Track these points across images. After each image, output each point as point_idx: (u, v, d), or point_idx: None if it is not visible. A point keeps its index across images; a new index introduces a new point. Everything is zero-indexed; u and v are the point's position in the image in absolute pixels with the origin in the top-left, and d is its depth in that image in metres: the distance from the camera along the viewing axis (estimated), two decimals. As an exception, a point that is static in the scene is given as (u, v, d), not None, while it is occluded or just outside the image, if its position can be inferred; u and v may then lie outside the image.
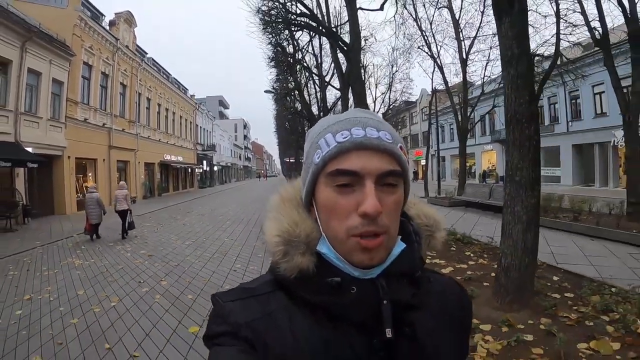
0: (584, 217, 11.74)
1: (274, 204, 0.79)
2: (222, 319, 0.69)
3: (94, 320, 5.55)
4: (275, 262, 0.71)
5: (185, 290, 7.03)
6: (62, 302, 6.46)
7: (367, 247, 0.66)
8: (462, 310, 0.84)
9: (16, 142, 17.25)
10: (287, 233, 0.71)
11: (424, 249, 0.81)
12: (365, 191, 0.66)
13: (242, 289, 0.75)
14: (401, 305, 0.71)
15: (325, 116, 0.86)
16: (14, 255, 10.59)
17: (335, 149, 0.68)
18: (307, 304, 0.70)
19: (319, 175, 0.71)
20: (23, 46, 17.81)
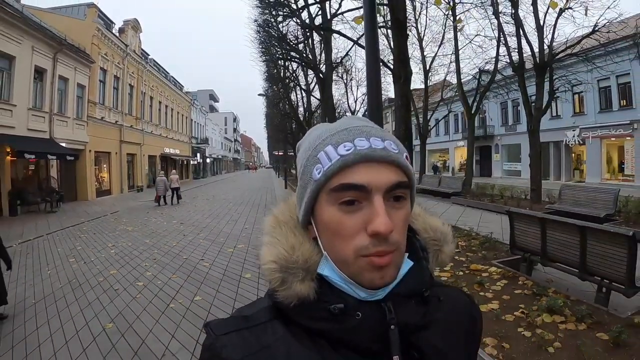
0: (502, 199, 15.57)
1: (268, 227, 0.73)
2: (215, 353, 0.64)
3: (176, 241, 9.73)
4: (273, 289, 0.66)
5: (217, 237, 11.09)
6: (140, 244, 10.32)
7: (379, 265, 0.61)
8: (471, 323, 0.80)
9: (51, 139, 20.65)
10: (284, 259, 0.65)
11: (432, 265, 0.76)
12: (375, 208, 0.61)
13: (238, 317, 0.69)
14: (410, 329, 0.66)
15: (318, 125, 0.78)
16: (71, 227, 14.18)
17: (338, 162, 0.62)
18: (307, 331, 0.65)
19: (320, 192, 0.65)
20: (55, 57, 21.18)
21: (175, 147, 43.90)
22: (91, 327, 5.05)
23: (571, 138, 28.94)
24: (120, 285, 6.90)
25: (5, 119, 17.28)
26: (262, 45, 19.56)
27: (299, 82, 25.88)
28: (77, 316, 5.48)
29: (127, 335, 4.76)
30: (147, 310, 5.62)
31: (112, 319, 5.33)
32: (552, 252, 5.57)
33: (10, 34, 17.54)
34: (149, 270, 7.83)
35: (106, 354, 4.30)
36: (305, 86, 26.20)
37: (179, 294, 6.34)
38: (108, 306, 5.85)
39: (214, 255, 8.93)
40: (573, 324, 4.14)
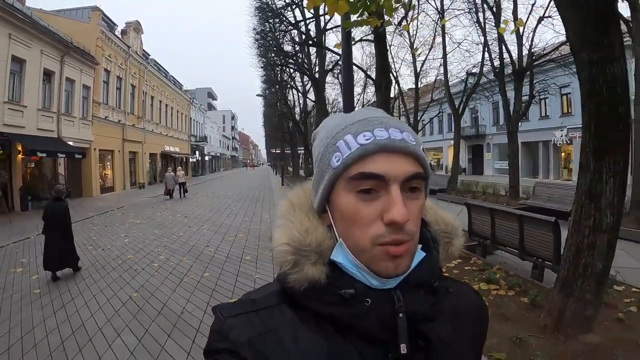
0: (483, 196, 16.68)
1: (283, 210, 0.74)
2: (222, 335, 0.65)
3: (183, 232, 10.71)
4: (284, 272, 0.66)
5: (219, 228, 12.18)
6: (150, 234, 11.39)
7: (394, 254, 0.62)
8: (479, 319, 0.81)
9: (59, 138, 21.67)
10: (297, 242, 0.66)
11: (442, 257, 0.77)
12: (392, 197, 0.61)
13: (246, 301, 0.70)
14: (418, 318, 0.67)
15: (334, 114, 0.80)
16: (82, 220, 15.21)
17: (358, 151, 0.63)
18: (315, 316, 0.66)
19: (338, 179, 0.66)
20: (62, 59, 22.16)
21: (175, 145, 44.91)
22: (119, 296, 6.19)
23: (559, 137, 29.97)
24: (138, 266, 8.03)
25: (16, 119, 18.28)
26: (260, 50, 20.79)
27: (295, 84, 27.15)
28: (105, 289, 6.60)
29: (150, 301, 5.91)
30: (164, 284, 6.76)
31: (136, 290, 6.47)
32: (499, 237, 6.69)
33: (21, 38, 18.52)
34: (161, 254, 8.95)
35: (135, 313, 5.44)
36: (302, 88, 27.37)
37: (190, 271, 7.51)
38: (130, 281, 6.98)
39: (217, 242, 10.08)
40: (504, 290, 5.25)
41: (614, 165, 3.44)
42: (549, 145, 31.85)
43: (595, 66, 3.33)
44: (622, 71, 3.34)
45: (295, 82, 28.26)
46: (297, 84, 28.23)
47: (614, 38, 3.25)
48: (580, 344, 3.63)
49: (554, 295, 4.06)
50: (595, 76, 3.35)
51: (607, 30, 3.24)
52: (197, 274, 7.34)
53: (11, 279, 7.54)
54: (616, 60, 3.26)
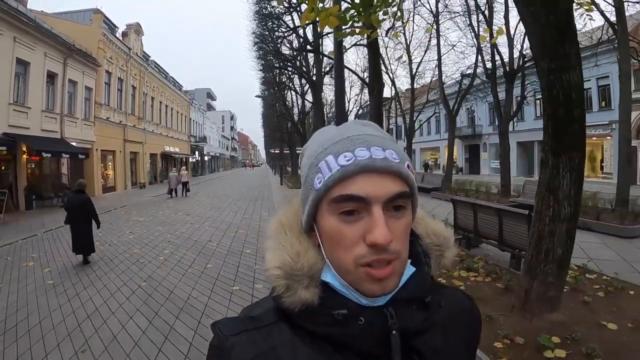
0: (476, 194, 17.17)
1: (273, 231, 0.75)
2: (224, 353, 0.66)
3: (186, 228, 11.06)
4: (278, 295, 0.67)
5: (220, 225, 12.67)
6: (154, 231, 11.90)
7: (378, 277, 0.63)
8: (471, 324, 0.82)
9: (62, 138, 22.12)
10: (289, 266, 0.67)
11: (434, 269, 0.77)
12: (374, 219, 0.61)
13: (245, 319, 0.71)
14: (410, 333, 0.68)
15: (322, 128, 0.79)
16: (86, 218, 15.69)
17: (338, 173, 0.63)
18: (311, 335, 0.67)
19: (321, 201, 0.66)
20: (65, 61, 22.63)
21: (175, 145, 45.37)
22: (129, 285, 6.70)
23: (552, 137, 30.42)
24: (145, 259, 8.52)
25: (21, 120, 18.74)
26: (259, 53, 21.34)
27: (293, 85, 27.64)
28: (115, 280, 7.10)
29: (158, 289, 6.43)
30: (170, 274, 7.28)
31: (144, 280, 6.98)
32: (481, 230, 7.18)
33: (25, 41, 18.98)
34: (166, 249, 9.46)
35: (145, 299, 5.94)
36: (300, 89, 27.88)
37: (194, 263, 8.02)
38: (138, 273, 7.49)
39: (219, 237, 10.59)
40: (482, 277, 5.75)
41: (570, 162, 3.92)
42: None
43: (553, 74, 3.80)
44: (578, 78, 3.82)
45: (294, 84, 28.79)
46: (295, 85, 28.76)
47: (570, 49, 3.72)
48: (545, 321, 4.10)
49: (522, 278, 4.55)
50: (553, 83, 3.83)
51: (563, 42, 3.71)
52: (201, 265, 7.85)
53: (24, 271, 8.00)
54: (572, 68, 3.73)
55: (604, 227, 9.87)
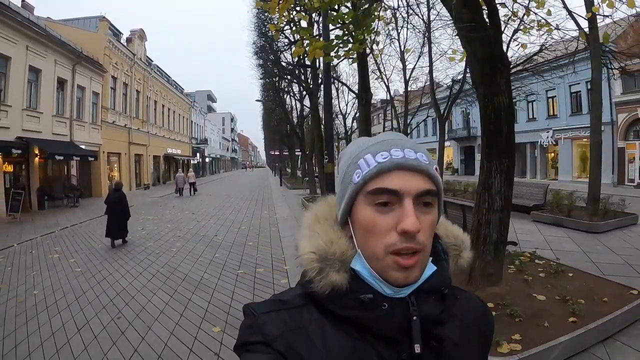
0: (462, 193, 18.19)
1: (308, 221, 0.81)
2: (256, 329, 0.71)
3: (192, 225, 12.03)
4: (309, 278, 0.73)
5: (224, 222, 13.77)
6: (163, 227, 12.98)
7: (404, 265, 0.68)
8: (485, 326, 0.87)
9: (71, 142, 23.19)
10: (323, 250, 0.72)
11: (452, 268, 0.83)
12: (405, 210, 0.68)
13: (275, 301, 0.77)
14: (430, 321, 0.73)
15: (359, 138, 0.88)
16: (98, 217, 16.66)
17: (375, 168, 0.70)
18: (337, 318, 0.72)
19: (359, 194, 0.73)
20: (74, 68, 23.74)
21: (177, 147, 46.48)
22: (148, 271, 7.82)
23: (545, 139, 31.34)
24: (159, 251, 9.64)
25: (34, 124, 19.81)
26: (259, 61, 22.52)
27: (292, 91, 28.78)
28: (135, 267, 8.20)
29: (175, 273, 7.58)
30: (183, 262, 8.42)
31: (161, 266, 8.08)
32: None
33: (37, 49, 20.06)
34: (177, 242, 10.58)
35: (164, 281, 7.07)
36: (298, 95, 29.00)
37: (203, 253, 9.16)
38: (155, 261, 8.61)
39: (224, 233, 11.72)
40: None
41: (500, 166, 5.00)
42: (536, 146, 33.25)
43: (487, 97, 4.88)
44: (506, 101, 4.90)
45: (293, 90, 29.93)
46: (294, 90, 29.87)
47: (499, 79, 4.79)
48: (486, 293, 5.13)
49: (467, 258, 5.65)
50: (487, 105, 4.91)
51: (495, 74, 4.79)
52: (210, 254, 9.00)
53: (52, 262, 9.05)
54: (501, 93, 4.80)
55: (574, 223, 10.81)
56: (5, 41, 17.68)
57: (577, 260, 7.17)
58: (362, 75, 10.48)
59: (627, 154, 25.14)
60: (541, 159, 33.46)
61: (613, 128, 25.72)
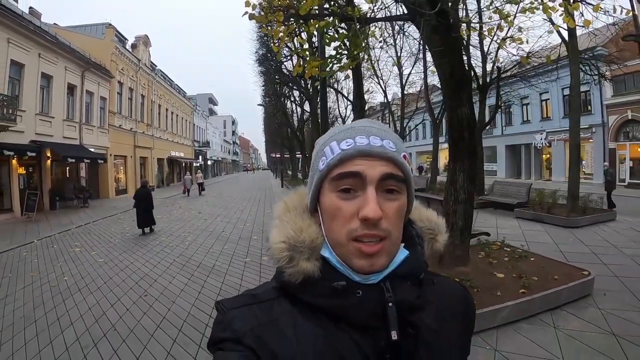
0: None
1: (279, 211, 0.81)
2: (225, 325, 0.71)
3: (200, 223, 13.00)
4: (281, 267, 0.73)
5: (230, 220, 14.71)
6: (173, 225, 13.96)
7: (367, 253, 0.68)
8: (465, 311, 0.86)
9: (81, 145, 24.16)
10: (292, 239, 0.72)
11: (427, 252, 0.82)
12: (367, 196, 0.68)
13: (247, 295, 0.77)
14: (406, 307, 0.72)
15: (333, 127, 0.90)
16: (109, 217, 17.72)
17: (338, 156, 0.71)
18: (311, 308, 0.72)
19: (324, 181, 0.73)
20: (83, 74, 24.74)
21: (180, 150, 47.52)
22: (166, 260, 8.82)
23: (539, 140, 32.15)
24: (173, 244, 10.62)
25: (46, 128, 20.78)
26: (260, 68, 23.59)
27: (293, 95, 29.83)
28: (154, 257, 9.19)
29: (190, 261, 8.59)
30: (196, 253, 9.42)
31: (177, 256, 9.07)
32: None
33: (48, 57, 21.06)
34: (188, 237, 11.57)
35: (182, 267, 8.08)
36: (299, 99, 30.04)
37: (214, 246, 10.17)
38: (171, 252, 9.61)
39: (230, 229, 12.71)
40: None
41: (462, 166, 5.98)
42: (530, 148, 34.06)
43: (452, 109, 5.86)
44: (468, 112, 5.88)
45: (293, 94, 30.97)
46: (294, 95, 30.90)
47: (463, 94, 5.79)
48: (454, 272, 6.05)
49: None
50: (452, 115, 5.90)
51: (460, 90, 5.78)
52: (219, 246, 10.01)
53: (74, 255, 9.99)
54: (463, 106, 5.78)
55: (553, 219, 11.72)
56: (19, 49, 18.66)
57: (546, 250, 8.03)
58: (357, 84, 11.43)
59: (618, 154, 25.90)
60: (535, 160, 34.24)
61: (604, 129, 26.58)
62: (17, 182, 18.70)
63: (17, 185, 18.57)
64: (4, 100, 16.49)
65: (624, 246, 8.52)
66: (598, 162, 26.76)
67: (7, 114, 16.49)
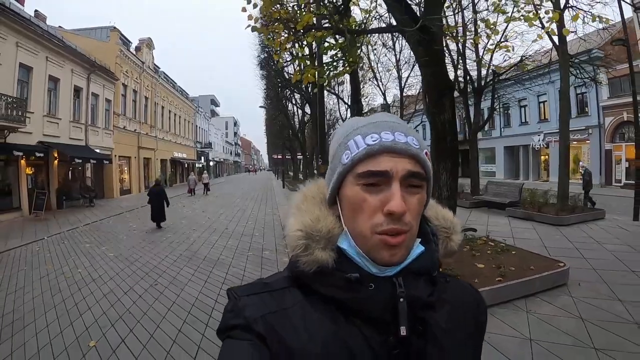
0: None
1: (297, 201, 0.82)
2: (236, 312, 0.72)
3: (204, 221, 13.57)
4: (296, 255, 0.73)
5: (232, 218, 15.30)
6: (178, 222, 14.51)
7: (390, 244, 0.68)
8: (477, 313, 0.86)
9: (87, 146, 24.72)
10: (310, 227, 0.73)
11: (441, 251, 0.82)
12: (392, 191, 0.68)
13: (259, 284, 0.78)
14: (417, 304, 0.72)
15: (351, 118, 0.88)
16: (115, 215, 18.27)
17: (364, 151, 0.70)
18: (322, 299, 0.72)
19: (347, 175, 0.73)
20: (88, 77, 25.30)
21: (182, 151, 48.13)
22: (174, 254, 9.39)
23: (537, 142, 32.55)
24: (179, 240, 11.22)
25: (53, 130, 21.35)
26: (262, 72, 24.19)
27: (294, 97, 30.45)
28: (162, 251, 9.78)
29: (196, 255, 9.17)
30: (202, 247, 10.03)
31: (184, 251, 9.66)
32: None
33: (56, 60, 21.63)
34: (194, 233, 12.17)
35: (188, 261, 8.66)
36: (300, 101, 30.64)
37: (218, 241, 10.74)
38: (177, 247, 10.19)
39: (233, 226, 13.29)
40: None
41: (445, 166, 6.54)
42: (528, 149, 34.46)
43: (435, 115, 6.43)
44: (450, 118, 6.47)
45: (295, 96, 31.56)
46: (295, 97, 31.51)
47: (445, 101, 6.35)
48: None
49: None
50: (435, 120, 6.47)
51: (442, 98, 6.35)
52: (223, 242, 10.60)
53: (85, 250, 10.53)
54: (445, 112, 6.35)
55: (543, 217, 12.19)
56: (28, 53, 19.22)
57: (530, 245, 8.50)
58: (354, 89, 12.00)
59: (614, 155, 26.29)
60: (533, 161, 34.59)
61: (600, 131, 26.95)
62: (25, 181, 19.24)
63: (25, 184, 19.10)
64: (14, 102, 17.02)
65: (607, 242, 8.97)
66: (595, 163, 27.19)
67: (16, 115, 17.03)
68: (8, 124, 16.56)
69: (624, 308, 5.17)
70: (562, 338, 4.42)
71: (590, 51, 21.85)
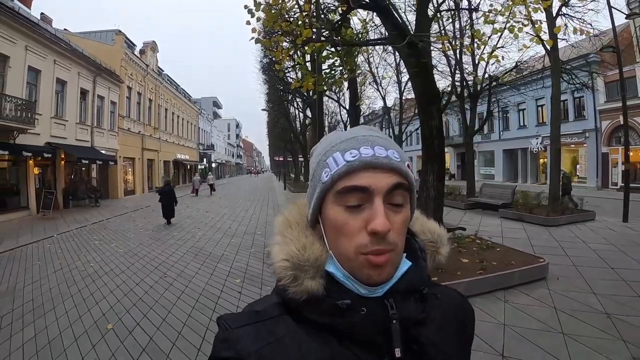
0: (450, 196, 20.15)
1: (280, 227, 0.79)
2: (230, 345, 0.69)
3: (208, 220, 14.14)
4: (284, 286, 0.71)
5: (235, 218, 15.81)
6: (183, 221, 15.04)
7: (375, 263, 0.67)
8: (465, 321, 0.87)
9: (92, 147, 25.30)
10: (296, 257, 0.71)
11: (430, 265, 0.82)
12: (375, 209, 0.67)
13: (250, 312, 0.75)
14: (410, 323, 0.72)
15: (330, 133, 0.86)
16: (121, 215, 18.80)
17: (344, 167, 0.69)
18: (314, 325, 0.71)
19: (327, 193, 0.71)
20: (94, 80, 25.90)
21: (185, 153, 48.67)
22: (180, 250, 9.94)
23: (535, 145, 32.92)
24: (185, 238, 11.75)
25: (60, 131, 21.92)
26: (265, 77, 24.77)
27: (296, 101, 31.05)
28: (169, 248, 10.31)
29: (201, 251, 9.72)
30: (207, 245, 10.56)
31: (189, 248, 10.21)
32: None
33: (63, 63, 22.22)
34: (197, 232, 12.69)
35: (194, 257, 9.20)
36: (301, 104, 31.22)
37: (222, 239, 11.28)
38: (183, 245, 10.72)
39: (236, 226, 13.81)
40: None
41: (432, 167, 7.09)
42: (527, 152, 34.83)
43: (425, 121, 6.97)
44: (437, 124, 7.02)
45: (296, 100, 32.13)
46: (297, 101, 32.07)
47: (433, 108, 6.90)
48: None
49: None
50: (424, 126, 7.03)
51: (430, 105, 6.91)
52: (227, 240, 11.14)
53: (95, 246, 11.05)
54: (433, 119, 6.90)
55: (533, 218, 12.63)
56: (36, 56, 19.80)
57: (517, 244, 8.92)
58: (353, 95, 12.53)
59: (610, 158, 26.64)
60: (532, 164, 34.96)
61: (597, 134, 27.28)
62: (33, 181, 19.79)
63: (33, 184, 19.65)
64: (23, 104, 17.57)
65: (593, 242, 9.38)
66: (591, 166, 27.63)
67: (25, 117, 17.57)
68: (18, 125, 17.09)
69: (597, 300, 5.57)
70: (534, 324, 4.85)
71: (587, 56, 22.30)
